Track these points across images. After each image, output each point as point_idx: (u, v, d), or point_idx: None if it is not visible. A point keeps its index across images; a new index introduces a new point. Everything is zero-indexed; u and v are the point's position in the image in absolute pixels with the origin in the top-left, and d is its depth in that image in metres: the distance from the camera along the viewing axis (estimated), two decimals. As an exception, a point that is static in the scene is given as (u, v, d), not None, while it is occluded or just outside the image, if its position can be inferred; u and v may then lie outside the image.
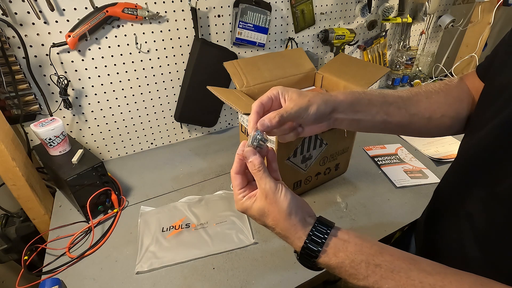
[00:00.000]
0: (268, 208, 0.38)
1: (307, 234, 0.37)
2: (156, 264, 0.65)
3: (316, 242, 0.36)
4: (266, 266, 0.65)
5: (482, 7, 1.33)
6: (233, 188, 0.42)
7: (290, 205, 0.37)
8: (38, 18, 0.73)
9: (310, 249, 0.36)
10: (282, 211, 0.37)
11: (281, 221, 0.37)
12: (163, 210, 0.79)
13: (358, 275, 0.34)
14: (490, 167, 0.38)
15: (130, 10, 0.80)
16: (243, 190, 0.41)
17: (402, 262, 0.33)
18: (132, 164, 1.00)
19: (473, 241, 0.39)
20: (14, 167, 0.70)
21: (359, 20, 1.25)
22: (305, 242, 0.36)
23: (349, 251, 0.35)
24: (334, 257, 0.35)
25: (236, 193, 0.41)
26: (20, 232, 0.80)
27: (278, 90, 0.42)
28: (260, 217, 0.39)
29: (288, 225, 0.37)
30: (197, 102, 1.00)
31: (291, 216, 0.37)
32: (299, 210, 0.38)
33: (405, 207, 0.79)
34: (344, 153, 0.85)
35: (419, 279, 0.32)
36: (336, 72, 0.88)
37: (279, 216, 0.37)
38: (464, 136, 0.48)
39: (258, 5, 0.96)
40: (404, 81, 1.48)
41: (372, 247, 0.36)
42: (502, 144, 0.36)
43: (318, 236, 0.36)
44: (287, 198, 0.37)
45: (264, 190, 0.38)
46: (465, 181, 0.42)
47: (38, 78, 0.80)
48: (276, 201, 0.37)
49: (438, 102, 0.49)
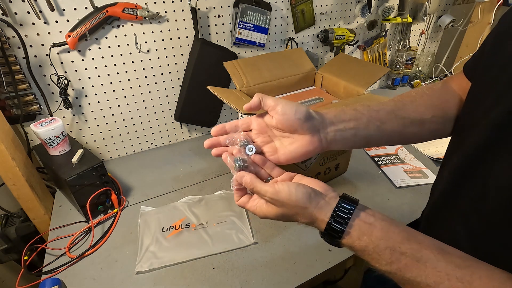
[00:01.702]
0: (280, 209, 0.38)
1: (329, 216, 0.36)
2: (156, 264, 0.65)
3: (339, 223, 0.35)
4: (266, 266, 0.64)
5: (482, 7, 1.33)
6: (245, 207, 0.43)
7: (299, 196, 0.37)
8: (38, 18, 0.73)
9: (333, 230, 0.36)
10: (293, 205, 0.37)
11: (300, 212, 0.37)
12: (163, 210, 0.79)
13: (381, 260, 0.34)
14: (479, 167, 0.37)
15: (130, 10, 0.80)
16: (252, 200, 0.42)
17: (430, 252, 0.32)
18: (132, 164, 1.00)
19: (468, 242, 0.39)
20: (14, 167, 0.70)
21: (359, 20, 1.25)
22: (328, 223, 0.36)
23: (374, 236, 0.34)
24: (358, 240, 0.35)
25: (249, 208, 0.42)
26: (20, 232, 0.80)
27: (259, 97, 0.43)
28: (281, 218, 0.40)
29: (308, 213, 0.37)
30: (197, 102, 1.00)
31: (306, 204, 0.37)
32: (311, 194, 0.37)
33: (405, 207, 0.79)
34: (344, 153, 0.85)
35: (446, 271, 0.31)
36: (336, 72, 0.88)
37: (295, 209, 0.37)
38: (452, 136, 0.48)
39: (258, 5, 0.96)
40: (404, 81, 1.48)
41: (400, 233, 0.34)
42: (492, 144, 0.36)
43: (341, 216, 0.36)
44: (293, 191, 0.37)
45: (269, 199, 0.38)
46: (455, 181, 0.42)
47: (38, 78, 0.80)
48: (283, 201, 0.37)
49: (423, 104, 0.49)
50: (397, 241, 0.34)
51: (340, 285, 1.24)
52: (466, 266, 0.31)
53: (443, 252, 0.33)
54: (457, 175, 0.42)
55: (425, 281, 0.31)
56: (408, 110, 0.48)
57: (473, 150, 0.39)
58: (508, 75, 0.35)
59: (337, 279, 1.24)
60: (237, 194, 0.43)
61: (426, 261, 0.32)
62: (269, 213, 0.40)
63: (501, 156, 0.34)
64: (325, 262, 0.65)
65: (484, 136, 0.37)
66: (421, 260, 0.32)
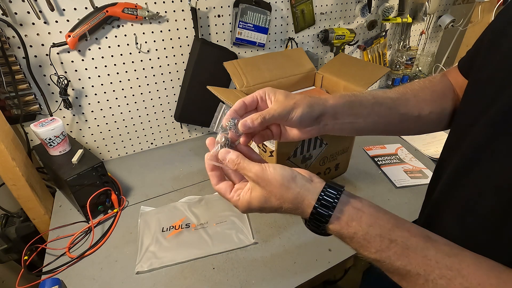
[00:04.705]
0: (265, 190, 0.36)
1: (316, 199, 0.34)
2: (156, 264, 0.65)
3: (326, 207, 0.34)
4: (266, 266, 0.65)
5: (482, 7, 1.33)
6: (225, 197, 0.40)
7: (284, 175, 0.35)
8: (38, 18, 0.73)
9: (320, 214, 0.34)
10: (279, 184, 0.35)
11: (284, 194, 0.35)
12: (163, 210, 0.79)
13: (370, 248, 0.33)
14: (476, 167, 0.37)
15: (130, 10, 0.80)
16: (234, 191, 0.40)
17: (419, 240, 0.32)
18: (132, 164, 1.00)
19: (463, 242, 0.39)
20: (14, 167, 0.70)
21: (359, 20, 1.25)
22: (314, 207, 0.34)
23: (363, 222, 0.33)
24: (346, 225, 0.33)
25: (229, 198, 0.39)
26: (20, 232, 0.80)
27: (265, 91, 0.42)
28: (264, 203, 0.37)
29: (293, 194, 0.35)
30: (197, 102, 1.00)
31: (291, 184, 0.35)
32: (297, 176, 0.36)
33: (405, 207, 0.79)
34: (344, 153, 0.85)
35: (436, 259, 0.30)
36: (336, 72, 0.88)
37: (280, 190, 0.35)
38: (449, 135, 0.48)
39: (258, 5, 0.96)
40: (404, 81, 1.48)
41: (389, 220, 0.34)
42: (489, 144, 0.35)
43: (328, 200, 0.34)
44: (278, 170, 0.36)
45: (253, 177, 0.36)
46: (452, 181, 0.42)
47: (38, 78, 0.80)
48: (268, 179, 0.35)
49: (425, 99, 0.49)
50: (387, 228, 0.33)
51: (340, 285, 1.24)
52: (454, 254, 0.31)
53: (430, 240, 0.32)
54: (454, 175, 0.42)
55: (415, 269, 0.31)
56: (408, 105, 0.48)
57: (470, 149, 0.38)
58: (504, 73, 0.35)
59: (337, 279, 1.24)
60: (213, 176, 0.40)
61: (416, 249, 0.31)
62: (252, 200, 0.37)
63: (498, 156, 0.34)
64: (325, 262, 0.65)
65: (482, 135, 0.37)
66: (411, 248, 0.31)
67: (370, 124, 0.46)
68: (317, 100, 0.43)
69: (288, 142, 0.53)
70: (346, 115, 0.44)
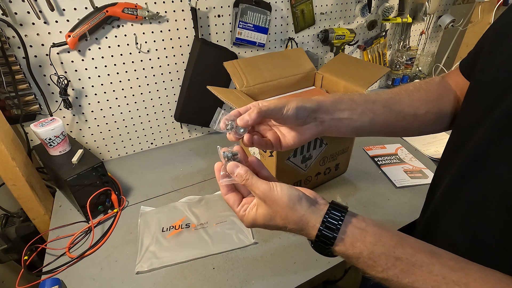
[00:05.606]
0: (271, 209, 0.37)
1: (320, 221, 0.35)
2: (156, 264, 0.65)
3: (331, 229, 0.34)
4: (266, 266, 0.65)
5: (482, 7, 1.33)
6: (232, 209, 0.41)
7: (291, 196, 0.36)
8: (38, 18, 0.73)
9: (325, 236, 0.34)
10: (285, 205, 0.36)
11: (289, 215, 0.36)
12: (163, 210, 0.79)
13: (376, 267, 0.33)
14: (480, 169, 0.37)
15: (130, 10, 0.80)
16: (241, 205, 0.40)
17: (424, 256, 0.32)
18: (132, 164, 1.00)
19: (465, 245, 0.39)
20: (14, 167, 0.70)
21: (359, 20, 1.25)
22: (319, 229, 0.35)
23: (367, 241, 0.33)
24: (352, 246, 0.34)
25: (237, 211, 0.40)
26: (20, 232, 0.80)
27: (259, 102, 0.42)
28: (269, 221, 0.37)
29: (297, 216, 0.36)
30: (197, 102, 1.00)
31: (296, 206, 0.36)
32: (303, 198, 0.36)
33: (405, 207, 0.79)
34: (344, 153, 0.85)
35: (442, 275, 0.30)
36: (336, 72, 0.88)
37: (285, 211, 0.36)
38: (451, 137, 0.48)
39: (258, 5, 0.96)
40: (404, 81, 1.48)
41: (393, 237, 0.34)
42: (493, 146, 0.35)
43: (332, 222, 0.35)
44: (285, 191, 0.36)
45: (260, 194, 0.37)
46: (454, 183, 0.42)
47: (38, 78, 0.80)
48: (274, 199, 0.36)
49: (419, 99, 0.49)
50: (391, 245, 0.33)
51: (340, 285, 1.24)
52: (459, 268, 0.31)
53: (435, 255, 0.32)
54: (458, 177, 0.41)
55: (423, 286, 0.31)
56: (403, 104, 0.48)
57: (473, 151, 0.38)
58: (507, 75, 0.35)
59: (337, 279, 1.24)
60: (223, 186, 0.41)
61: (422, 265, 0.31)
62: (258, 216, 0.38)
63: (502, 158, 0.34)
64: (325, 262, 0.65)
65: (485, 137, 0.36)
66: (416, 264, 0.32)
67: (367, 123, 0.46)
68: (309, 99, 0.44)
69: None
70: (341, 110, 0.45)
